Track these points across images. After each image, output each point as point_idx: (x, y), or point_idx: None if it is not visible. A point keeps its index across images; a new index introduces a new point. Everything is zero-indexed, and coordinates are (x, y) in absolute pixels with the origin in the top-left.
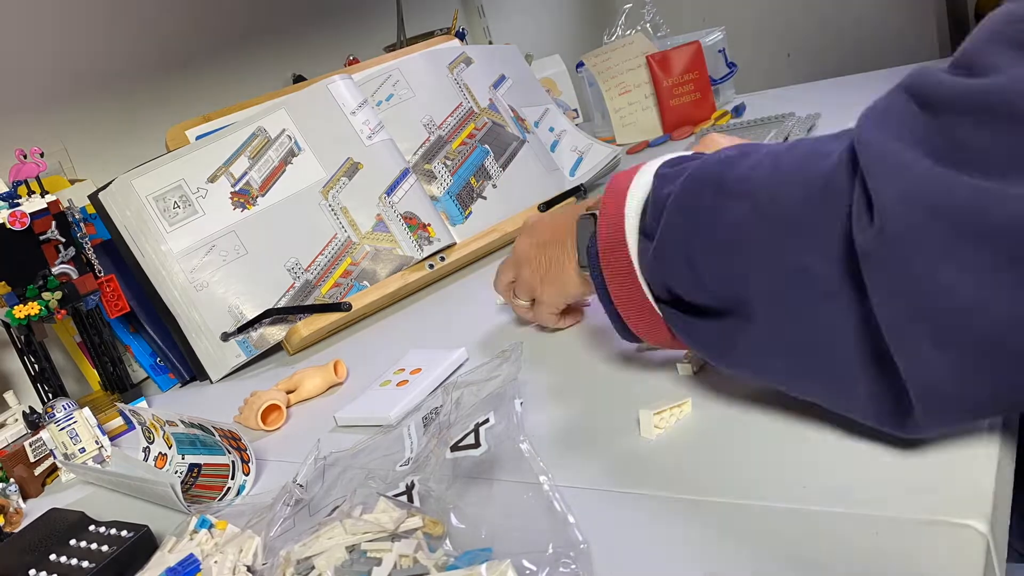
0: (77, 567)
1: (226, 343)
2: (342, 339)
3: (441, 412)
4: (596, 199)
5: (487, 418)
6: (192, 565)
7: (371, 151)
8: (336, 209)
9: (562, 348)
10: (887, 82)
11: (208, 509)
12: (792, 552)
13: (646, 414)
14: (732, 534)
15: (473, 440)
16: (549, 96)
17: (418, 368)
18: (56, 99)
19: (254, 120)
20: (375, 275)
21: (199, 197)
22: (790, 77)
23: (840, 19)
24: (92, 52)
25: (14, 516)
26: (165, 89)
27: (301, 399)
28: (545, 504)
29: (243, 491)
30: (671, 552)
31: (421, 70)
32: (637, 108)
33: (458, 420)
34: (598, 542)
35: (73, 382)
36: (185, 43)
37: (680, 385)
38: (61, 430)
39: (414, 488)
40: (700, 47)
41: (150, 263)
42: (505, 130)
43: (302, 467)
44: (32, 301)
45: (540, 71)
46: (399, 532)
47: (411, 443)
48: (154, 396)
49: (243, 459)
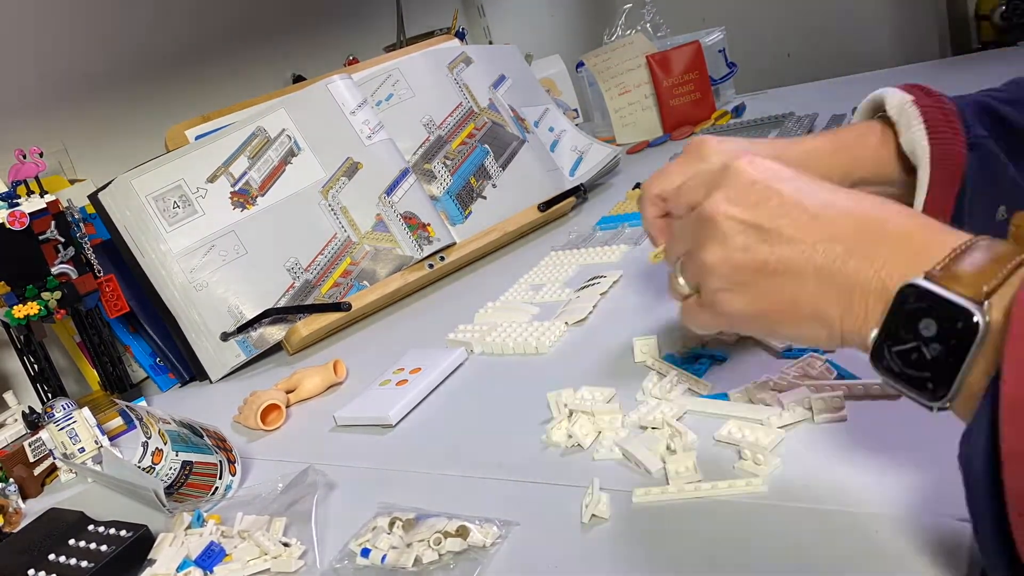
0: (76, 567)
1: (226, 343)
2: (342, 339)
3: None
4: (950, 253)
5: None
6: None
7: (371, 151)
8: (336, 209)
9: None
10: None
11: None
12: (792, 551)
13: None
14: (732, 532)
15: None
16: (549, 96)
17: (418, 368)
18: (56, 99)
19: (254, 120)
20: (375, 275)
21: (199, 197)
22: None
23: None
24: (92, 52)
25: (13, 516)
26: (165, 89)
27: (301, 399)
28: None
29: (230, 491)
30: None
31: (421, 70)
32: (637, 108)
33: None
34: None
35: (73, 382)
36: (185, 43)
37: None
38: (60, 430)
39: None
40: (700, 47)
41: (150, 263)
42: (505, 130)
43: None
44: (31, 301)
45: (540, 71)
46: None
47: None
48: (154, 396)
49: (229, 459)
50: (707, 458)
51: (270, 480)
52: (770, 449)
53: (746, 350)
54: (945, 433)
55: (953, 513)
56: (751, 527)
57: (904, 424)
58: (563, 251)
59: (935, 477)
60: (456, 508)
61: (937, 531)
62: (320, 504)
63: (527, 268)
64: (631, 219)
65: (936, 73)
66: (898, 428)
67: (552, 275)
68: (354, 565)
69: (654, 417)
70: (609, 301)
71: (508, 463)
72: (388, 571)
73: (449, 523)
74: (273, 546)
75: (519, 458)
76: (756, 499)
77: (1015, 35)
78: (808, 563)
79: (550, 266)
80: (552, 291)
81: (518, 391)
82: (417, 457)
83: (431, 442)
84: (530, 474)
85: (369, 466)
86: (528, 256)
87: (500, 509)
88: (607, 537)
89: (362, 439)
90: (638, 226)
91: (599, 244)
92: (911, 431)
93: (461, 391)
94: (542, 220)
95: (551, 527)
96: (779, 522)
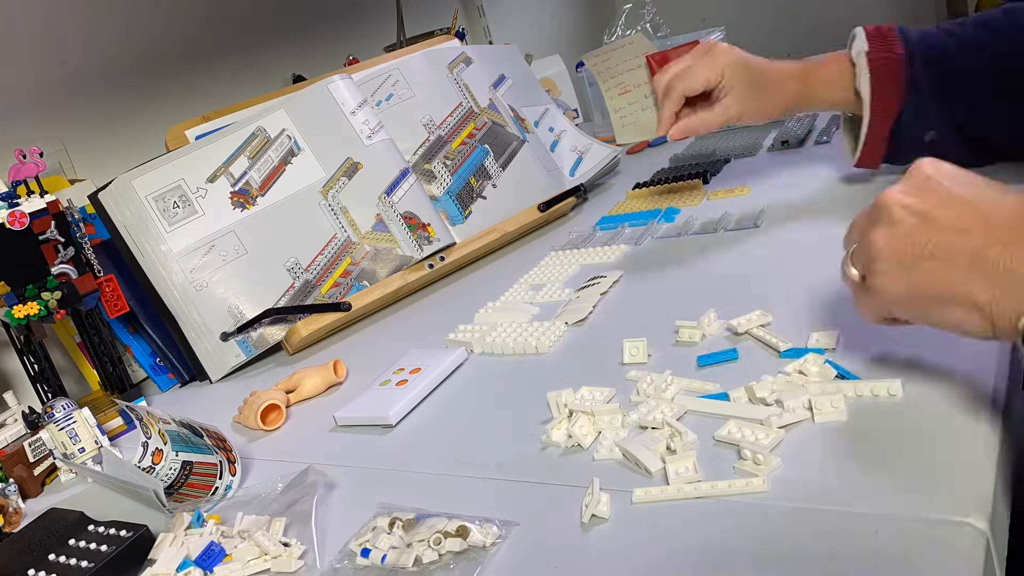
0: (76, 567)
1: (226, 343)
2: (342, 339)
3: None
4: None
5: None
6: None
7: (371, 151)
8: (336, 209)
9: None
10: None
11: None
12: (792, 551)
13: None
14: (732, 532)
15: None
16: (549, 96)
17: (418, 368)
18: (56, 99)
19: (254, 120)
20: (375, 275)
21: (199, 197)
22: None
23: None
24: (92, 52)
25: (13, 516)
26: (165, 89)
27: (301, 399)
28: None
29: (230, 491)
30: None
31: (421, 70)
32: (637, 108)
33: None
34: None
35: (73, 382)
36: (185, 43)
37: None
38: (60, 430)
39: None
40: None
41: (150, 263)
42: (505, 130)
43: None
44: (31, 301)
45: (540, 71)
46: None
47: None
48: (154, 396)
49: (229, 459)
50: (707, 458)
51: (270, 480)
52: (770, 449)
53: (746, 350)
54: (945, 434)
55: (953, 513)
56: (751, 527)
57: (904, 424)
58: (563, 251)
59: (935, 477)
60: (456, 508)
61: (937, 531)
62: (320, 504)
63: (527, 268)
64: (631, 219)
65: None
66: (898, 428)
67: (552, 275)
68: (354, 565)
69: (654, 417)
70: (609, 301)
71: (508, 463)
72: (388, 571)
73: (449, 523)
74: (273, 546)
75: (519, 458)
76: (756, 499)
77: None
78: (808, 563)
79: (550, 266)
80: (552, 291)
81: (518, 391)
82: (417, 457)
83: (431, 442)
84: (530, 474)
85: (369, 466)
86: (528, 256)
87: (500, 509)
88: (607, 537)
89: (362, 439)
90: (638, 226)
91: (599, 244)
92: (911, 431)
93: (461, 391)
94: (542, 220)
95: (551, 527)
96: (779, 522)
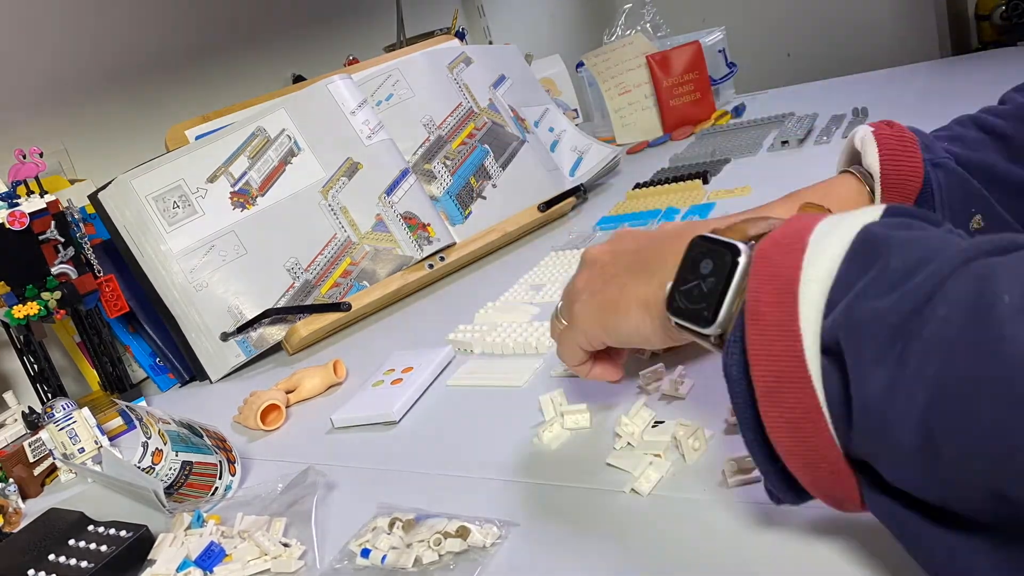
0: (76, 567)
1: (226, 343)
2: (342, 339)
3: None
4: (734, 220)
5: None
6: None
7: (371, 151)
8: (336, 209)
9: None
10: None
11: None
12: (792, 551)
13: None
14: (732, 531)
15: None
16: (549, 96)
17: (409, 367)
18: (56, 99)
19: (254, 120)
20: (375, 275)
21: (199, 197)
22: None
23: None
24: (92, 52)
25: (13, 516)
26: (165, 89)
27: (300, 399)
28: None
29: (230, 491)
30: (675, 546)
31: (421, 70)
32: (637, 108)
33: None
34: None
35: (72, 382)
36: (185, 43)
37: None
38: (60, 430)
39: None
40: (700, 47)
41: (150, 263)
42: (505, 130)
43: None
44: (31, 301)
45: (540, 71)
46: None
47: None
48: (153, 396)
49: (229, 460)
50: (702, 460)
51: (270, 480)
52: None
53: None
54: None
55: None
56: (750, 527)
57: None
58: (563, 251)
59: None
60: (456, 508)
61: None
62: (320, 504)
63: (527, 268)
64: (631, 219)
65: (936, 73)
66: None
67: (552, 275)
68: (354, 565)
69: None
70: None
71: (508, 463)
72: (388, 571)
73: (449, 523)
74: (273, 546)
75: (519, 458)
76: (755, 499)
77: (1015, 35)
78: (808, 563)
79: (550, 266)
80: (552, 291)
81: (518, 391)
82: (417, 457)
83: (431, 442)
84: (530, 474)
85: (369, 466)
86: (528, 256)
87: (500, 509)
88: (607, 537)
89: (362, 439)
90: (638, 226)
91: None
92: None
93: (460, 391)
94: (542, 220)
95: (551, 527)
96: (778, 522)
